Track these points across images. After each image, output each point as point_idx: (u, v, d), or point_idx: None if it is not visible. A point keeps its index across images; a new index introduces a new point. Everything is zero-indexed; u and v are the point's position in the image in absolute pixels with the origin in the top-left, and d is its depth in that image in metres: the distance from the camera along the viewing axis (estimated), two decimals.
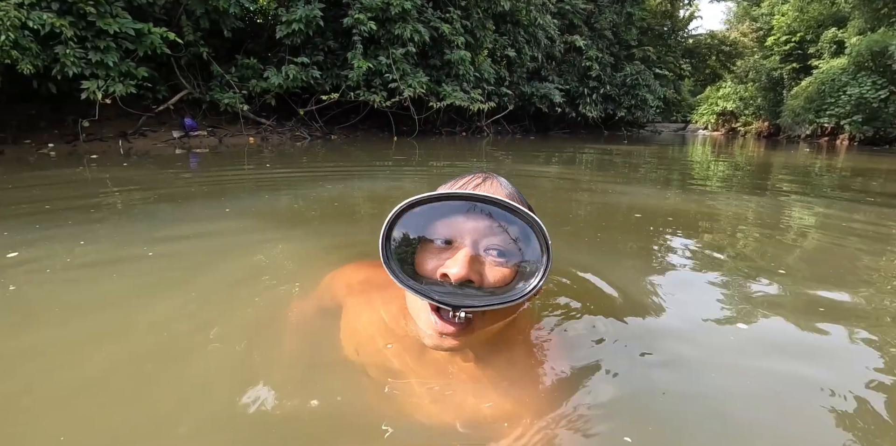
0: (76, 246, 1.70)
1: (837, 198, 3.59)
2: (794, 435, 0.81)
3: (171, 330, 1.07)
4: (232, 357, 0.95)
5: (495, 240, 0.72)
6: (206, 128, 7.42)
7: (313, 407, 0.79)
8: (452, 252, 0.72)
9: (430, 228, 0.74)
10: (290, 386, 0.86)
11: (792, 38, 20.00)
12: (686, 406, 0.88)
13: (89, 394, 0.83)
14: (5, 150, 5.14)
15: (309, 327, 1.08)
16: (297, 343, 1.03)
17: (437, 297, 0.68)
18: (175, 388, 0.85)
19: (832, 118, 15.27)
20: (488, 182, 0.81)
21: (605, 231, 2.26)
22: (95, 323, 1.10)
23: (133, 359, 0.95)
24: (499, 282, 0.71)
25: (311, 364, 0.95)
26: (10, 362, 0.92)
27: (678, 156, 8.36)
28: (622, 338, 1.09)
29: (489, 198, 0.71)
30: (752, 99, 21.92)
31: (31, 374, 0.88)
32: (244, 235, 1.97)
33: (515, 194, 0.82)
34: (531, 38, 11.48)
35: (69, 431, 0.73)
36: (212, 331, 1.04)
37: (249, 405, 0.78)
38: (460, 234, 0.73)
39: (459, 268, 0.68)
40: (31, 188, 3.03)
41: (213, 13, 6.64)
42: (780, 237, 2.22)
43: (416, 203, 0.72)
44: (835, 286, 1.53)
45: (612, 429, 0.77)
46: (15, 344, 0.98)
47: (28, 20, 4.78)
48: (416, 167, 4.80)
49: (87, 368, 0.91)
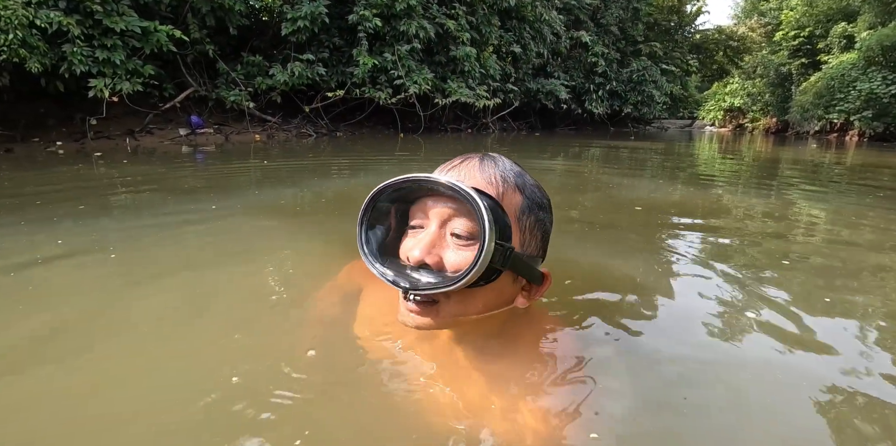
0: (93, 240, 1.72)
1: (847, 193, 3.55)
2: (804, 430, 0.80)
3: (188, 321, 1.08)
4: (247, 344, 0.96)
5: (458, 224, 0.73)
6: (213, 125, 7.45)
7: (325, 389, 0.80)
8: (421, 234, 0.75)
9: (405, 212, 0.80)
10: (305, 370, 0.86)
11: (801, 33, 19.78)
12: (694, 403, 0.87)
13: (115, 376, 0.84)
14: (14, 148, 5.18)
15: (331, 312, 1.09)
16: (318, 327, 1.05)
17: (390, 278, 0.74)
18: (192, 373, 0.86)
19: (842, 114, 15.09)
20: (468, 161, 0.79)
21: (612, 225, 2.25)
22: (108, 313, 1.11)
23: (152, 345, 0.95)
24: (455, 266, 0.72)
25: (329, 347, 0.96)
26: (27, 350, 0.93)
27: (685, 152, 8.30)
28: (628, 332, 1.09)
29: (431, 179, 0.72)
30: (759, 95, 21.71)
31: (54, 359, 0.89)
32: (253, 231, 1.97)
33: (497, 174, 0.77)
34: (537, 33, 11.43)
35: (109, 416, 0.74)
36: (228, 320, 1.05)
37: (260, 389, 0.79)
38: (427, 218, 0.76)
39: (417, 250, 0.72)
40: (40, 185, 3.05)
41: (218, 11, 6.66)
42: (789, 232, 2.20)
43: (385, 188, 0.75)
44: (845, 281, 1.51)
45: (614, 422, 0.76)
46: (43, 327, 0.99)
47: (35, 19, 4.81)
48: (422, 163, 4.79)
49: (104, 354, 0.92)
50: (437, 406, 0.75)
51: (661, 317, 1.21)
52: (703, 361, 1.01)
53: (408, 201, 0.80)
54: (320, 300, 1.16)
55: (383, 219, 0.82)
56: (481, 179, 0.76)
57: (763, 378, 0.94)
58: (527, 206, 0.79)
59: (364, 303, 1.02)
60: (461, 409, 0.74)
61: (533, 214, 0.80)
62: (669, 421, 0.80)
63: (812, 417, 0.82)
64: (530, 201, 0.80)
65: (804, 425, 0.81)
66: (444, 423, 0.71)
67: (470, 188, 0.70)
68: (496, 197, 0.75)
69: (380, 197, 0.77)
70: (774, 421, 0.81)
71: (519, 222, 0.77)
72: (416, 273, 0.74)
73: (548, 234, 0.86)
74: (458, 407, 0.74)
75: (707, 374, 0.97)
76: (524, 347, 0.87)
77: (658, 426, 0.79)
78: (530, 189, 0.81)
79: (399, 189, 0.76)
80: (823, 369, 0.99)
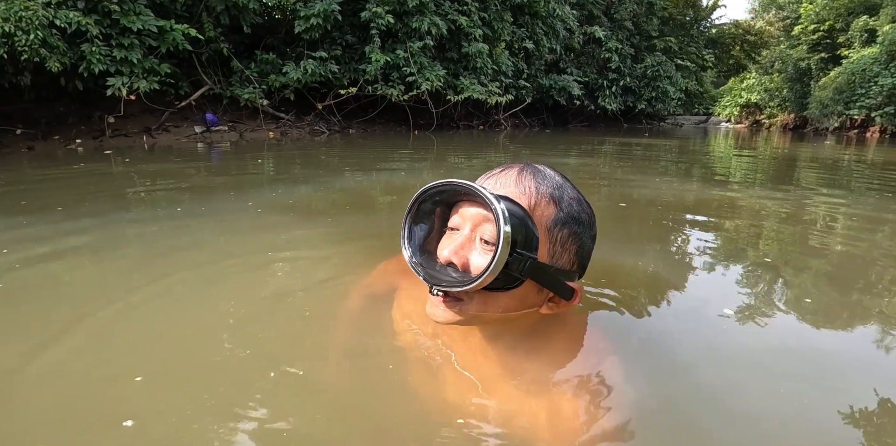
0: (110, 237, 1.75)
1: (868, 192, 3.48)
2: (815, 433, 0.80)
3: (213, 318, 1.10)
4: (275, 344, 0.98)
5: (487, 229, 0.77)
6: (227, 123, 7.53)
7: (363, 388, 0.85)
8: (455, 236, 0.81)
9: (446, 214, 0.85)
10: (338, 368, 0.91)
11: (820, 27, 19.34)
12: (710, 403, 0.87)
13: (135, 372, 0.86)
14: (35, 146, 5.29)
15: (360, 313, 1.13)
16: (347, 329, 1.08)
17: (421, 273, 0.80)
18: (226, 371, 0.88)
19: (862, 110, 14.76)
20: (508, 171, 0.82)
21: (628, 224, 2.24)
22: (120, 311, 1.13)
23: (184, 346, 0.97)
24: (477, 268, 0.76)
25: (359, 344, 0.99)
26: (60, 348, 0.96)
27: (700, 149, 8.19)
28: (648, 334, 1.09)
29: (463, 185, 0.75)
30: (777, 90, 21.31)
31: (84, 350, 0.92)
32: (268, 228, 2.00)
33: (534, 185, 0.79)
34: (549, 29, 11.34)
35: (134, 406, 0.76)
36: (254, 319, 1.07)
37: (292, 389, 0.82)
38: (462, 221, 0.80)
39: (447, 250, 0.78)
40: (59, 181, 3.12)
41: (232, 9, 6.72)
42: (807, 232, 2.17)
43: (428, 189, 0.81)
44: (863, 284, 1.49)
45: (633, 424, 0.77)
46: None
47: (55, 19, 4.89)
48: (434, 161, 4.80)
49: (124, 352, 0.94)
50: (463, 402, 0.78)
51: (682, 318, 1.21)
52: (723, 362, 1.01)
53: (449, 204, 0.85)
54: (352, 299, 1.19)
55: (426, 218, 0.87)
56: (515, 189, 0.78)
57: (782, 381, 0.94)
58: (560, 219, 0.79)
59: (399, 302, 1.06)
60: (487, 406, 0.77)
61: (567, 228, 0.80)
62: (683, 421, 0.81)
63: (826, 420, 0.82)
64: (566, 214, 0.79)
65: (819, 428, 0.80)
66: (469, 421, 0.74)
67: (492, 194, 0.72)
68: (528, 207, 0.76)
69: (424, 197, 0.83)
70: (809, 425, 0.80)
71: (549, 234, 0.78)
72: (443, 271, 0.80)
73: (586, 249, 0.85)
74: (483, 404, 0.77)
75: (728, 374, 0.97)
76: (553, 348, 0.88)
77: (672, 424, 0.79)
78: (567, 202, 0.80)
79: (441, 192, 0.81)
80: (838, 372, 0.98)
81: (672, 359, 1.00)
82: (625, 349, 0.99)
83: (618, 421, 0.73)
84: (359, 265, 1.45)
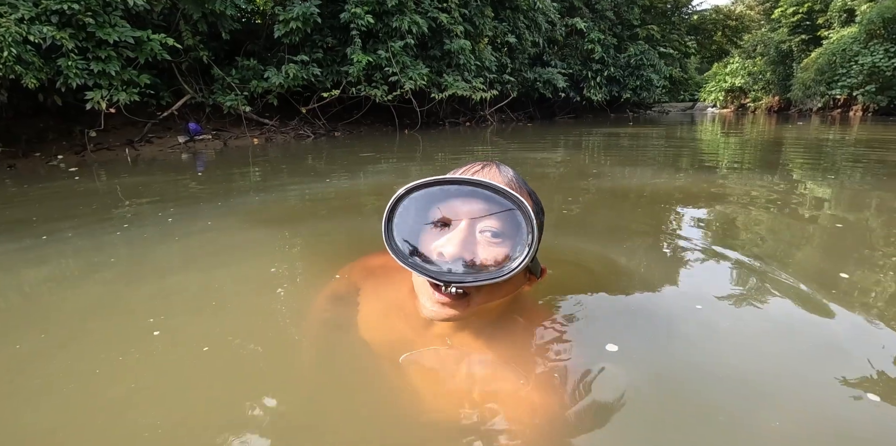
0: (95, 255, 1.74)
1: (852, 170, 3.51)
2: (810, 417, 0.80)
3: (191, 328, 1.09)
4: (247, 350, 0.97)
5: (489, 222, 0.78)
6: (211, 131, 7.47)
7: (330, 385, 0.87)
8: (449, 232, 0.80)
9: (431, 211, 0.82)
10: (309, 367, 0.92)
11: (800, 9, 19.48)
12: (695, 385, 0.88)
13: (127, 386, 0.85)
14: (17, 164, 5.22)
15: (325, 314, 1.16)
16: (315, 328, 1.11)
17: (432, 274, 0.76)
18: (206, 377, 0.87)
19: (844, 89, 14.90)
20: (487, 168, 0.86)
21: (611, 213, 2.24)
22: (116, 324, 1.12)
23: (157, 350, 0.96)
24: (489, 261, 0.77)
25: (328, 344, 1.02)
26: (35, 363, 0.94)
27: (685, 135, 8.23)
28: (625, 318, 1.10)
29: (479, 181, 0.76)
30: (760, 73, 21.44)
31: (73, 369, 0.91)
32: (253, 234, 1.98)
33: (514, 180, 0.86)
34: (531, 22, 11.32)
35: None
36: (233, 327, 1.06)
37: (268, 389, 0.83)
38: (457, 216, 0.79)
39: (452, 246, 0.76)
40: (42, 200, 3.08)
41: (210, 16, 6.64)
42: (795, 214, 2.19)
43: (414, 188, 0.79)
44: (852, 263, 1.51)
45: (613, 407, 0.77)
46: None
47: (29, 34, 4.82)
48: (420, 161, 4.79)
49: (111, 363, 0.93)
50: (447, 391, 0.82)
51: (658, 302, 1.21)
52: (703, 346, 1.02)
53: (432, 201, 0.82)
54: (321, 303, 1.21)
55: (407, 217, 0.84)
56: (503, 183, 0.83)
57: (770, 363, 0.94)
58: (536, 209, 0.86)
59: (366, 302, 1.08)
60: (470, 393, 0.80)
61: (541, 215, 0.90)
62: (666, 404, 0.82)
63: (819, 405, 0.82)
64: (536, 204, 0.88)
65: (814, 412, 0.81)
66: (453, 408, 0.78)
67: (512, 192, 0.76)
68: None
69: (408, 196, 0.81)
70: (778, 409, 0.81)
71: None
72: (455, 267, 0.77)
73: None
74: (466, 391, 0.81)
75: (701, 348, 1.00)
76: (521, 331, 0.93)
77: (657, 407, 0.80)
78: (534, 194, 0.90)
79: (428, 188, 0.80)
80: (827, 354, 0.99)
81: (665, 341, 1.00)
82: (617, 331, 0.99)
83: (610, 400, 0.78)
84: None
